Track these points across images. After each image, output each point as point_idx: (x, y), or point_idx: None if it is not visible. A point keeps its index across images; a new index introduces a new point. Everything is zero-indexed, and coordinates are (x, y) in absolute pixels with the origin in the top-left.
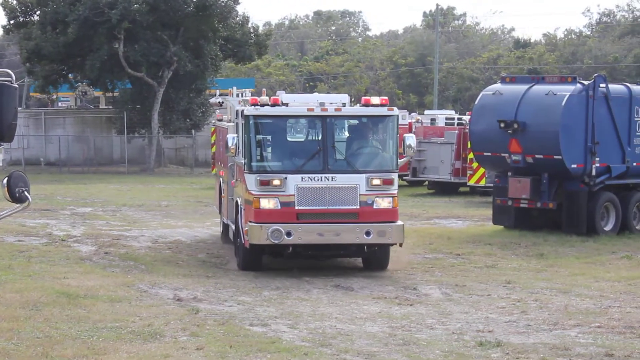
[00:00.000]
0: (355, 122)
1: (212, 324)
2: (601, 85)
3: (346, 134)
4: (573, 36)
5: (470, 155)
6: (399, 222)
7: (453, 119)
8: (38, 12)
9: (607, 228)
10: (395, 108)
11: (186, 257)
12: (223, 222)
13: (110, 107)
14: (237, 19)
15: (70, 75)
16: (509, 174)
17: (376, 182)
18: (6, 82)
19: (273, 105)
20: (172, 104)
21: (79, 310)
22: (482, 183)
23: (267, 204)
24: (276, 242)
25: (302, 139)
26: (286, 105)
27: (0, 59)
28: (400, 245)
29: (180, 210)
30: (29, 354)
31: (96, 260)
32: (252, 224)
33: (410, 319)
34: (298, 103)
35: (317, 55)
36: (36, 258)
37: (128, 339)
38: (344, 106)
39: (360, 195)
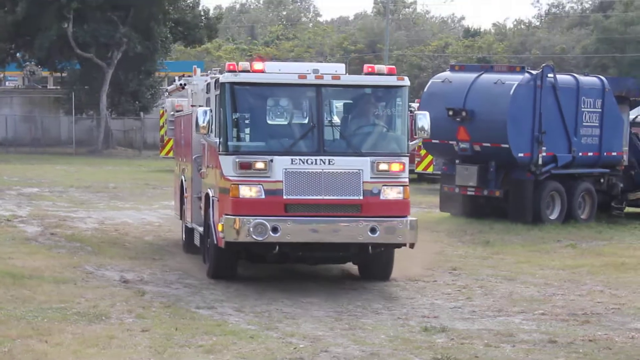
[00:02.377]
0: (358, 93)
1: (158, 306)
2: (549, 75)
3: (346, 108)
4: (522, 26)
5: (419, 143)
6: (411, 217)
7: None
8: None
9: (553, 217)
10: (406, 78)
11: (133, 239)
12: (186, 227)
13: (59, 87)
14: (188, 1)
15: (18, 54)
16: (457, 161)
17: (383, 167)
18: None
19: (255, 71)
20: (121, 86)
21: (24, 290)
22: (430, 170)
23: (248, 192)
24: (259, 239)
25: (292, 114)
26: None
27: None
28: (412, 246)
29: (127, 193)
30: None
31: (42, 241)
32: (229, 216)
33: (356, 303)
34: (286, 70)
35: (267, 39)
36: None
37: (73, 320)
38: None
39: (364, 182)
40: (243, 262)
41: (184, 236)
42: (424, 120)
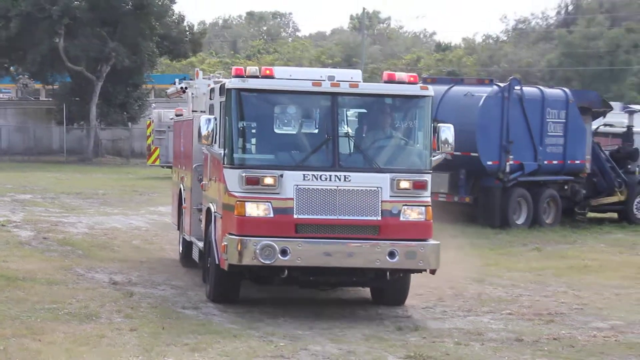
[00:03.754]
0: (377, 103)
1: (145, 306)
2: (516, 87)
3: (364, 119)
4: (490, 41)
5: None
6: (434, 241)
7: None
8: None
9: (519, 222)
10: (430, 87)
11: (121, 243)
12: (184, 239)
13: (51, 99)
14: (173, 17)
15: (12, 68)
16: None
17: (404, 185)
18: None
19: (265, 77)
20: (109, 97)
21: (18, 292)
22: None
23: (255, 210)
24: (267, 262)
25: (304, 124)
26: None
27: None
28: (433, 272)
29: (116, 199)
30: None
31: (35, 244)
32: (233, 237)
33: (333, 304)
34: (298, 76)
35: (249, 53)
36: None
37: (65, 319)
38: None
39: (382, 202)
40: None
41: (181, 249)
42: (447, 132)
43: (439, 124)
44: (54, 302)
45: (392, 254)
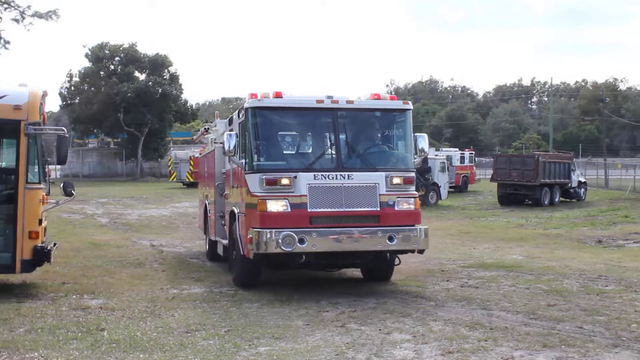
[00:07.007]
0: (369, 115)
1: (170, 258)
2: None
3: (359, 129)
4: None
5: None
6: (424, 226)
7: None
8: (78, 98)
9: None
10: (410, 102)
11: (156, 223)
12: (209, 239)
13: (116, 146)
14: (182, 101)
15: (94, 130)
16: None
17: (397, 181)
18: (63, 134)
19: (275, 97)
20: (148, 145)
21: (100, 251)
22: None
23: (275, 206)
24: (288, 250)
25: (311, 135)
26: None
27: (58, 122)
28: (421, 252)
29: (153, 200)
30: (75, 274)
31: (109, 225)
32: (258, 229)
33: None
34: (304, 96)
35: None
36: (78, 225)
37: (127, 266)
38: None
39: (380, 195)
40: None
41: (207, 247)
42: (423, 142)
43: (416, 134)
44: (120, 256)
45: (391, 238)
